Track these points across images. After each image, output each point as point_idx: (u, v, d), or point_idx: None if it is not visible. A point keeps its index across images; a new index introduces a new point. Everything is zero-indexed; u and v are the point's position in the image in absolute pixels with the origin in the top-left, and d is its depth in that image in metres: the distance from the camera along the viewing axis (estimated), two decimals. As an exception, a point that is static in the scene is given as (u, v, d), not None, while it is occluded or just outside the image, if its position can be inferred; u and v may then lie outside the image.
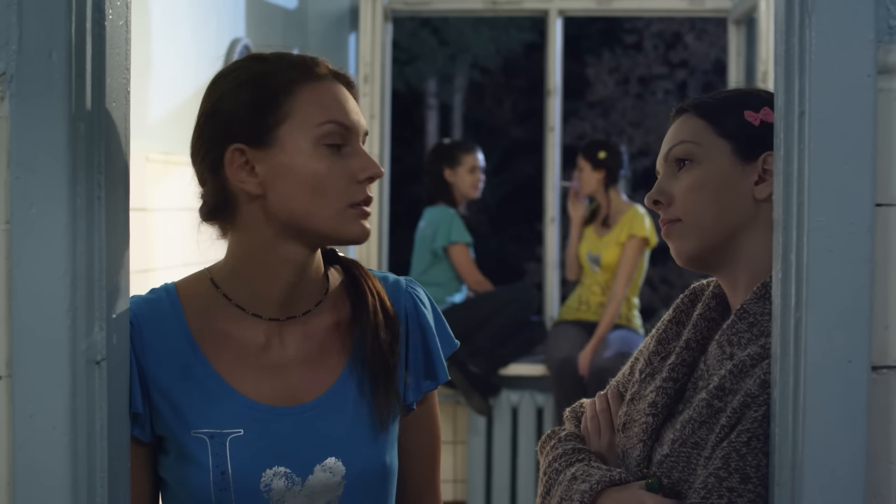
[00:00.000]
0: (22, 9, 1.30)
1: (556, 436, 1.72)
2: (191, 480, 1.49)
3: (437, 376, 1.66)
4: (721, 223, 1.56)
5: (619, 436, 1.64)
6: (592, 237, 5.21)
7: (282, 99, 1.49)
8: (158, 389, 1.51)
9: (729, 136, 1.57)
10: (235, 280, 1.56)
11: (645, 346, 1.72)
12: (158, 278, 1.71)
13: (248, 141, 1.49)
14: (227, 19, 4.47)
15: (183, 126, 4.12)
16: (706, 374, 1.55)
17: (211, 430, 1.50)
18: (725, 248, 1.57)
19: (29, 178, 1.29)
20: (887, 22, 1.31)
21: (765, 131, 1.54)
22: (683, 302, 1.69)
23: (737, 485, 1.41)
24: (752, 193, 1.55)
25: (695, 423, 1.49)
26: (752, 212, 1.55)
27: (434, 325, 1.67)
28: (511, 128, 12.75)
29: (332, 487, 1.53)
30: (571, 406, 1.80)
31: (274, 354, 1.55)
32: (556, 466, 1.64)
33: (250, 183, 1.49)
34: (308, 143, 1.49)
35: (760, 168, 1.55)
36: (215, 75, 1.57)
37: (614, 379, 1.77)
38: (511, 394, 5.19)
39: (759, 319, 1.51)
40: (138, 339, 1.51)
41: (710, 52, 11.85)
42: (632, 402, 1.64)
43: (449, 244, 5.16)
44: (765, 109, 1.56)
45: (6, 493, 1.31)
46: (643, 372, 1.66)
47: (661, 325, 1.70)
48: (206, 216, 1.57)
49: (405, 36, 11.96)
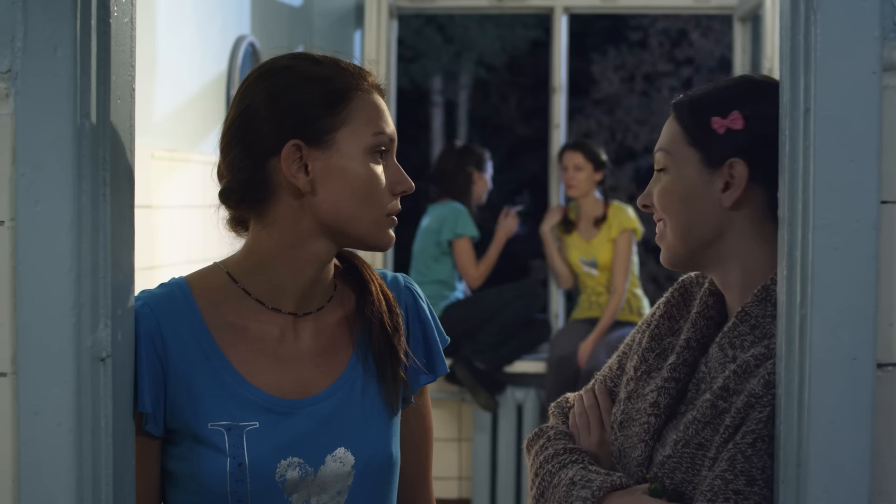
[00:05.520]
0: (27, 6, 1.30)
1: (544, 434, 1.70)
2: (206, 472, 1.51)
3: (436, 369, 1.70)
4: (693, 231, 1.57)
5: (616, 434, 1.63)
6: (580, 243, 5.21)
7: (342, 104, 1.54)
8: (180, 381, 1.52)
9: (697, 145, 1.56)
10: (257, 274, 1.57)
11: (634, 342, 1.71)
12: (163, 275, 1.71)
13: (308, 139, 1.52)
14: (233, 17, 4.47)
15: (188, 123, 4.14)
16: (708, 377, 1.54)
17: (228, 422, 1.52)
18: (707, 252, 1.57)
19: (34, 175, 1.29)
20: (893, 19, 1.31)
21: (731, 138, 1.53)
22: (674, 296, 1.68)
23: (743, 487, 1.41)
24: (720, 201, 1.54)
25: (699, 423, 1.49)
26: (725, 218, 1.55)
27: (430, 319, 1.71)
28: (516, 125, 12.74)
29: (343, 477, 1.56)
30: (556, 401, 1.79)
31: (288, 348, 1.58)
32: (549, 468, 1.62)
33: (302, 179, 1.52)
34: (360, 150, 1.54)
35: (727, 175, 1.54)
36: (264, 68, 1.58)
37: (599, 373, 1.76)
38: (516, 391, 5.19)
39: (760, 322, 1.51)
40: (157, 331, 1.52)
41: (716, 50, 11.83)
42: (629, 401, 1.63)
43: (454, 237, 5.19)
44: (733, 114, 1.54)
45: (11, 490, 1.31)
46: (638, 369, 1.64)
47: (651, 320, 1.69)
48: (236, 203, 1.57)
49: (410, 33, 11.96)
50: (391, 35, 5.53)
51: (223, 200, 1.58)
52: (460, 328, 5.05)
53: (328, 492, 1.55)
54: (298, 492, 1.53)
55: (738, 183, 1.53)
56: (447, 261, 5.23)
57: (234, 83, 4.33)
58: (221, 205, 1.59)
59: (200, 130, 4.07)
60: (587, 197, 5.19)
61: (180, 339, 1.53)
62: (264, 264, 1.57)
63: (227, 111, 1.59)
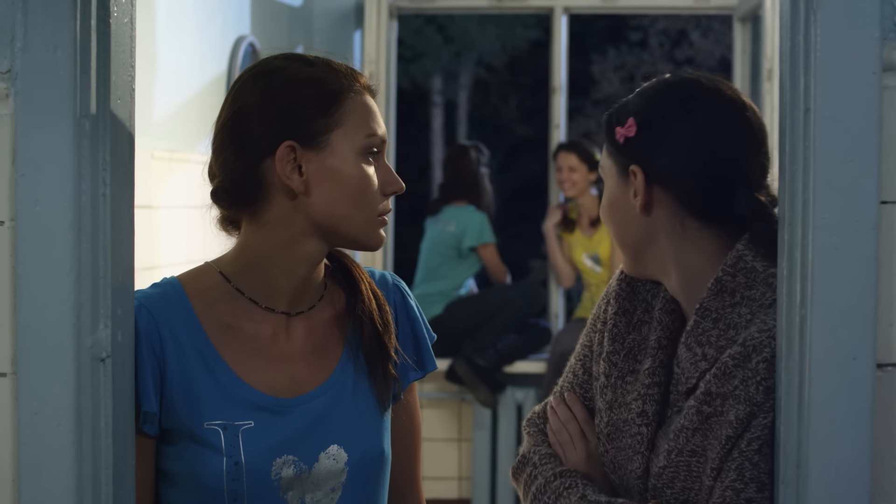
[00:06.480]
0: (27, 6, 1.30)
1: (529, 461, 1.66)
2: (204, 471, 1.52)
3: (426, 366, 1.72)
4: (625, 240, 1.60)
5: (605, 447, 1.60)
6: (583, 240, 5.22)
7: (336, 106, 1.55)
8: (176, 381, 1.53)
9: (611, 156, 1.61)
10: (251, 273, 1.58)
11: (594, 343, 1.67)
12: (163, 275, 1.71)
13: (302, 140, 1.53)
14: (233, 17, 4.47)
15: (188, 123, 4.14)
16: (683, 378, 1.53)
17: (224, 421, 1.53)
18: (645, 259, 1.59)
19: (34, 176, 1.29)
20: (892, 19, 1.31)
21: (629, 145, 1.56)
22: (622, 288, 1.66)
23: (754, 494, 1.41)
24: (635, 208, 1.56)
25: (688, 431, 1.48)
26: (644, 224, 1.57)
27: (419, 316, 1.73)
28: (516, 125, 12.75)
29: (337, 474, 1.57)
30: (527, 418, 1.74)
31: (280, 347, 1.59)
32: (546, 500, 1.58)
33: (296, 180, 1.53)
34: (353, 152, 1.55)
35: (633, 182, 1.56)
36: (257, 69, 1.59)
37: (562, 380, 1.72)
38: (516, 391, 5.20)
39: (722, 314, 1.50)
40: (156, 331, 1.53)
41: (716, 50, 11.84)
42: (612, 410, 1.60)
43: (480, 244, 5.29)
44: (629, 122, 1.56)
45: (11, 491, 1.31)
46: (610, 375, 1.61)
47: (605, 318, 1.66)
48: (229, 202, 1.58)
49: (410, 33, 11.96)
50: (391, 35, 5.52)
51: (216, 200, 1.59)
52: (463, 325, 5.08)
53: (322, 489, 1.57)
54: (293, 489, 1.55)
55: (638, 189, 1.55)
56: (462, 264, 5.29)
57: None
58: (213, 204, 1.60)
59: (200, 130, 4.07)
60: (585, 195, 5.20)
61: (177, 339, 1.54)
62: (257, 264, 1.57)
63: (220, 111, 1.59)
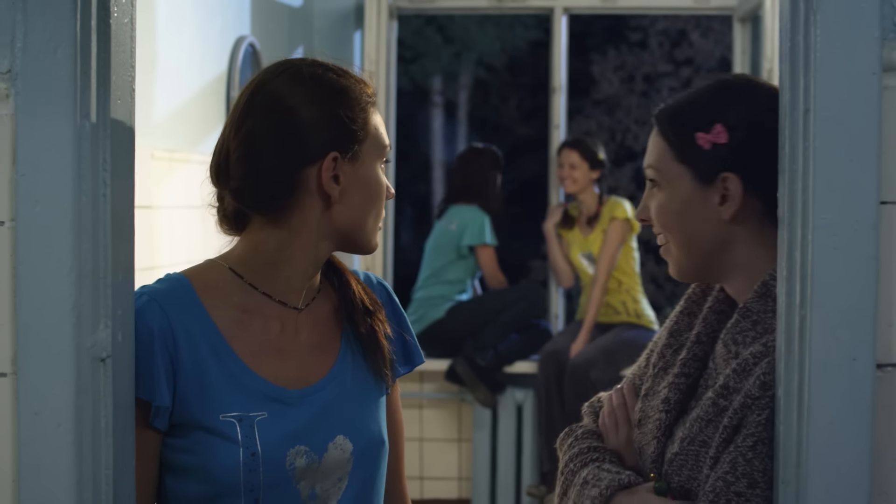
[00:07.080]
0: (27, 6, 1.30)
1: (573, 433, 1.72)
2: (219, 463, 1.53)
3: (414, 360, 1.78)
4: (696, 245, 1.57)
5: (636, 431, 1.65)
6: (580, 238, 5.22)
7: (364, 117, 1.61)
8: (190, 375, 1.54)
9: (686, 162, 1.56)
10: (266, 271, 1.61)
11: (659, 338, 1.72)
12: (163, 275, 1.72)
13: (343, 150, 1.58)
14: (233, 17, 4.47)
15: (188, 123, 4.14)
16: (714, 373, 1.55)
17: (240, 413, 1.55)
18: (712, 264, 1.57)
19: (34, 176, 1.29)
20: (892, 20, 1.31)
21: (719, 152, 1.53)
22: (695, 292, 1.68)
23: (744, 489, 1.42)
24: (719, 215, 1.54)
25: (702, 421, 1.50)
26: (726, 230, 1.55)
27: (403, 313, 1.79)
28: (516, 125, 12.74)
29: (344, 463, 1.61)
30: (589, 401, 1.80)
31: (288, 340, 1.63)
32: (572, 467, 1.65)
33: (335, 189, 1.58)
34: (375, 162, 1.62)
35: (722, 189, 1.53)
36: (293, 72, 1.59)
37: (630, 371, 1.77)
38: (516, 391, 5.20)
39: (762, 317, 1.51)
40: (168, 326, 1.54)
41: (716, 50, 11.83)
42: (646, 398, 1.64)
43: (478, 244, 5.25)
44: (717, 128, 1.53)
45: (11, 491, 1.31)
46: (656, 366, 1.66)
47: (673, 315, 1.70)
48: (252, 202, 1.59)
49: (410, 34, 11.96)
50: (391, 35, 5.52)
51: (238, 198, 1.59)
52: (464, 327, 5.09)
53: (330, 478, 1.60)
54: (305, 479, 1.58)
55: (734, 197, 1.53)
56: (463, 264, 5.28)
57: (233, 84, 4.33)
58: (235, 201, 1.59)
59: (200, 131, 4.07)
60: (585, 193, 5.19)
61: (189, 333, 1.55)
62: (277, 263, 1.61)
63: (250, 107, 1.57)
